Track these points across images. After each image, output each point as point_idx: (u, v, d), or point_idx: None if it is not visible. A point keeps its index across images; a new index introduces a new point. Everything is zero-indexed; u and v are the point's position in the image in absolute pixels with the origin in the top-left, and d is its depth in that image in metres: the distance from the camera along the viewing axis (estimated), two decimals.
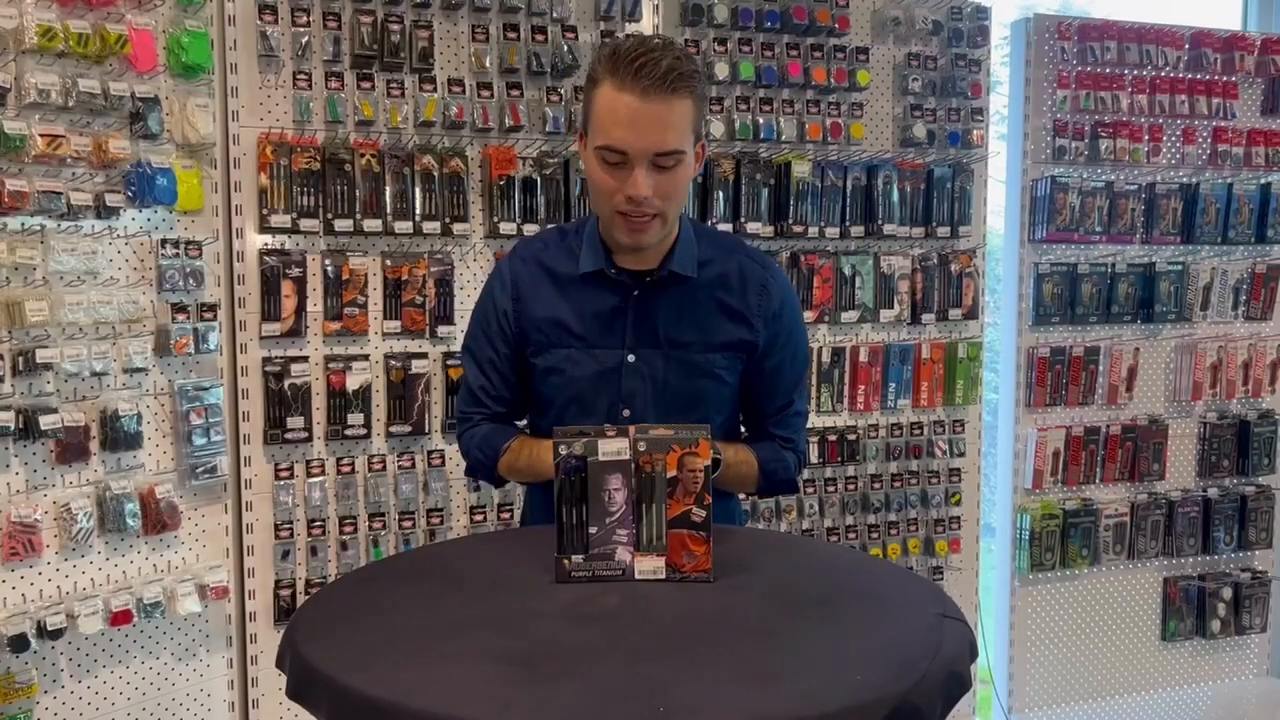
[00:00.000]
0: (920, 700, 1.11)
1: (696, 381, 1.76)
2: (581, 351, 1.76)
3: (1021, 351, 3.48)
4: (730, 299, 1.77)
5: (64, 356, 2.26)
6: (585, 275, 1.75)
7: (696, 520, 1.45)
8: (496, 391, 1.86)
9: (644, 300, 1.75)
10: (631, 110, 1.53)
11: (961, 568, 3.45)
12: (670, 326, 1.75)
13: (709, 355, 1.76)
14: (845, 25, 3.14)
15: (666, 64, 1.52)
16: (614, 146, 1.56)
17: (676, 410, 1.75)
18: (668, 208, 1.62)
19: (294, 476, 2.69)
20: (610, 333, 1.75)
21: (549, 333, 1.77)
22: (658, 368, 1.75)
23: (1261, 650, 3.88)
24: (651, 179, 1.57)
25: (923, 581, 1.51)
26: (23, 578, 2.31)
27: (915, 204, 3.27)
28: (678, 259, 1.74)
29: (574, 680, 1.14)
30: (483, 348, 1.85)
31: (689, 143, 1.60)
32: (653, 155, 1.56)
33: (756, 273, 1.80)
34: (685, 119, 1.57)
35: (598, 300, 1.75)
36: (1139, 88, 3.50)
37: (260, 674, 2.70)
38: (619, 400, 1.76)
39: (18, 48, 2.20)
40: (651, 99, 1.52)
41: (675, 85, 1.53)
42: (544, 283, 1.79)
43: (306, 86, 2.64)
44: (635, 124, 1.53)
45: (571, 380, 1.77)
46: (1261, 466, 3.75)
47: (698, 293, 1.76)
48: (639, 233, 1.64)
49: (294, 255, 2.65)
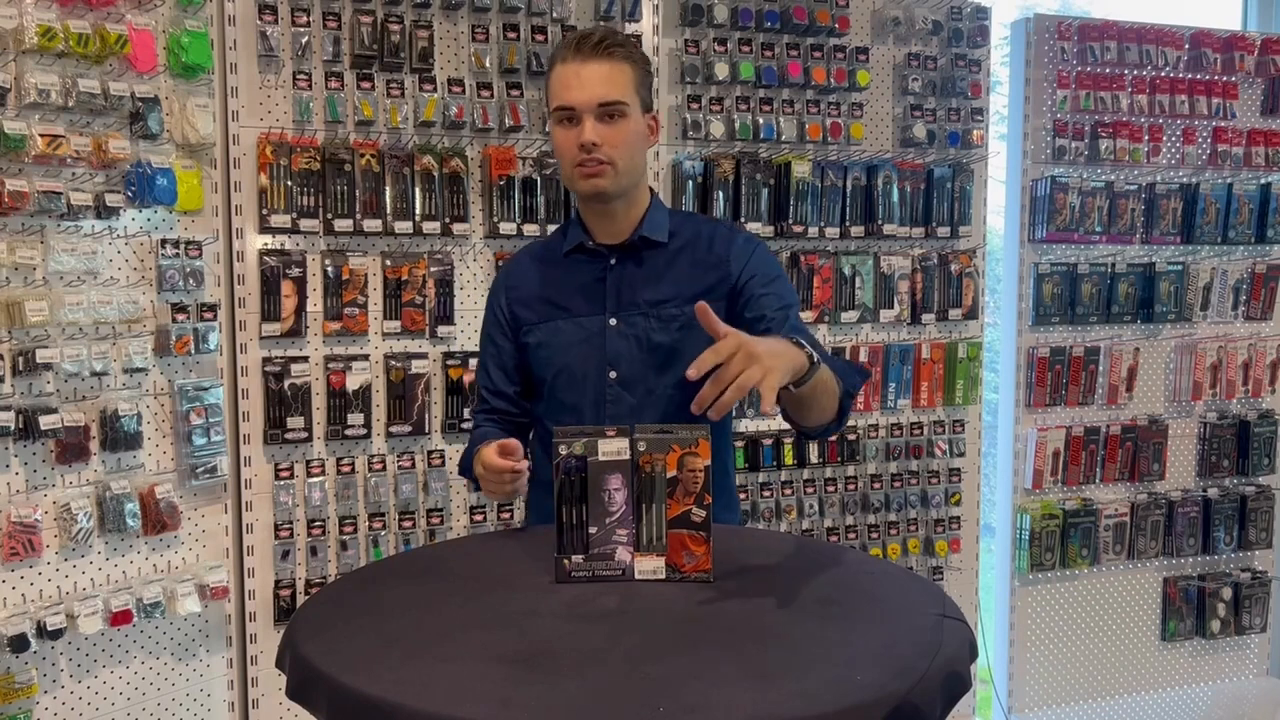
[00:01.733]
0: (920, 700, 1.11)
1: (676, 334, 1.83)
2: (567, 322, 1.88)
3: (1021, 351, 3.48)
4: (702, 253, 1.88)
5: (64, 356, 2.27)
6: (568, 253, 1.90)
7: (696, 520, 1.45)
8: (496, 387, 1.96)
9: (621, 267, 1.87)
10: (574, 72, 1.75)
11: (961, 568, 3.45)
12: (648, 288, 1.86)
13: (685, 308, 1.82)
14: (845, 25, 3.14)
15: (600, 35, 1.76)
16: (564, 104, 1.76)
17: (664, 366, 1.83)
18: (617, 156, 1.77)
19: (294, 476, 2.69)
20: (592, 301, 1.87)
21: (538, 309, 1.90)
22: (639, 327, 1.85)
23: (1261, 650, 3.88)
24: (599, 127, 1.75)
25: (923, 581, 1.51)
26: (23, 578, 2.31)
27: (915, 204, 3.27)
28: (648, 225, 1.87)
29: (574, 680, 1.14)
30: (485, 345, 1.99)
31: (631, 99, 1.77)
32: (596, 106, 1.74)
33: (724, 232, 1.93)
34: (624, 77, 1.76)
35: (580, 273, 1.89)
36: (1139, 88, 3.50)
37: (260, 674, 2.70)
38: (605, 362, 1.84)
39: (18, 48, 2.20)
40: (589, 62, 1.74)
41: (610, 48, 1.75)
42: (534, 269, 1.95)
43: (306, 86, 2.64)
44: (579, 82, 1.75)
45: (559, 350, 1.87)
46: (1261, 466, 3.75)
47: (671, 256, 1.88)
48: (595, 177, 1.77)
49: (294, 255, 2.65)
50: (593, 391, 1.85)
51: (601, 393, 1.84)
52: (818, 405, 1.60)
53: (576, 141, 1.75)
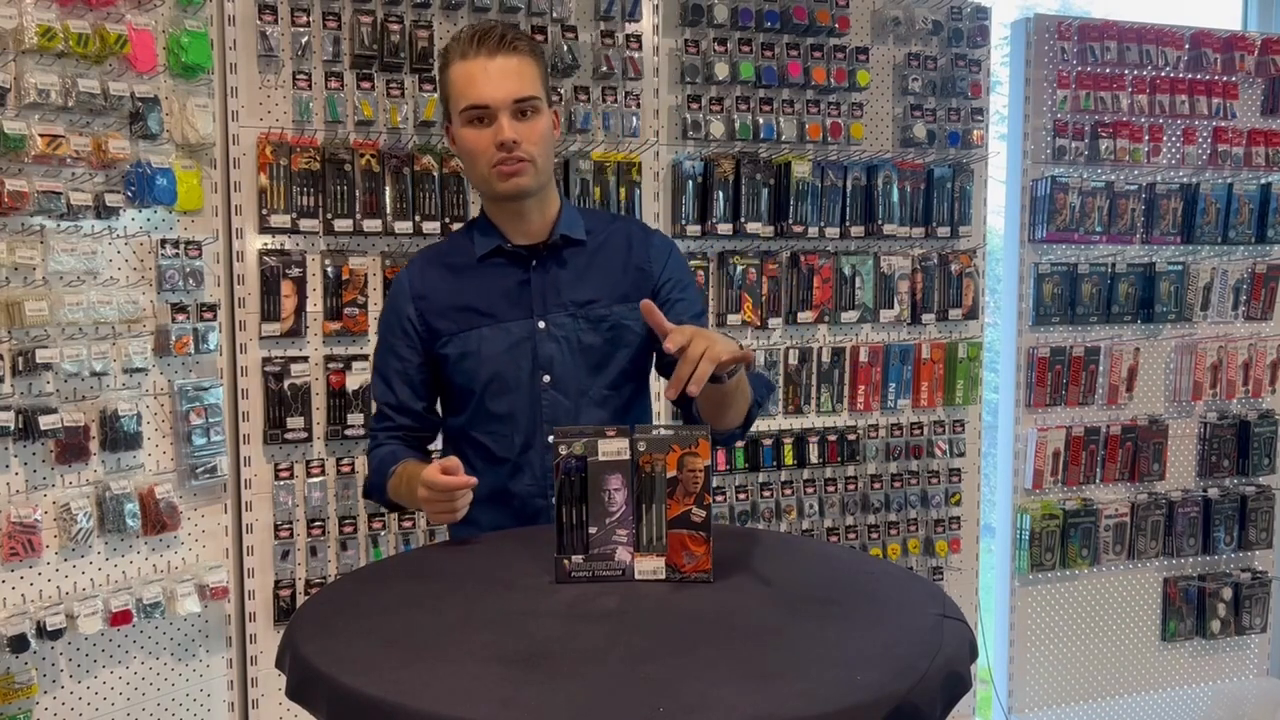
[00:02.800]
0: (920, 700, 1.10)
1: (607, 335, 1.82)
2: (492, 328, 1.80)
3: (1021, 351, 3.49)
4: (621, 254, 1.86)
5: (64, 356, 2.26)
6: (483, 257, 1.83)
7: (696, 520, 1.45)
8: (400, 403, 1.87)
9: (544, 268, 1.82)
10: (482, 68, 1.69)
11: (961, 568, 3.45)
12: (573, 287, 1.82)
13: (614, 308, 1.82)
14: (845, 25, 3.14)
15: (500, 30, 1.71)
16: (476, 103, 1.70)
17: (596, 368, 1.81)
18: (535, 153, 1.73)
19: (294, 476, 2.69)
20: (517, 305, 1.81)
21: (457, 319, 1.81)
22: (569, 329, 1.81)
23: (1261, 650, 3.88)
24: (516, 124, 1.70)
25: (923, 581, 1.50)
26: (22, 578, 2.31)
27: (915, 204, 3.27)
28: (565, 224, 1.83)
29: (574, 680, 1.14)
30: (388, 360, 1.87)
31: (541, 93, 1.74)
32: (512, 102, 1.70)
33: (638, 231, 1.92)
34: (532, 72, 1.73)
35: (500, 278, 1.82)
36: (1139, 88, 3.50)
37: (260, 674, 2.70)
38: (537, 368, 1.80)
39: (18, 48, 2.19)
40: (497, 56, 1.69)
41: (514, 44, 1.71)
42: (444, 276, 1.85)
43: (306, 86, 2.64)
44: (489, 79, 1.69)
45: (487, 358, 1.80)
46: (1261, 466, 3.75)
47: (591, 255, 1.85)
48: (515, 175, 1.73)
49: (294, 255, 2.65)
50: (526, 397, 1.79)
51: (536, 398, 1.79)
52: (734, 407, 1.70)
53: (493, 141, 1.70)
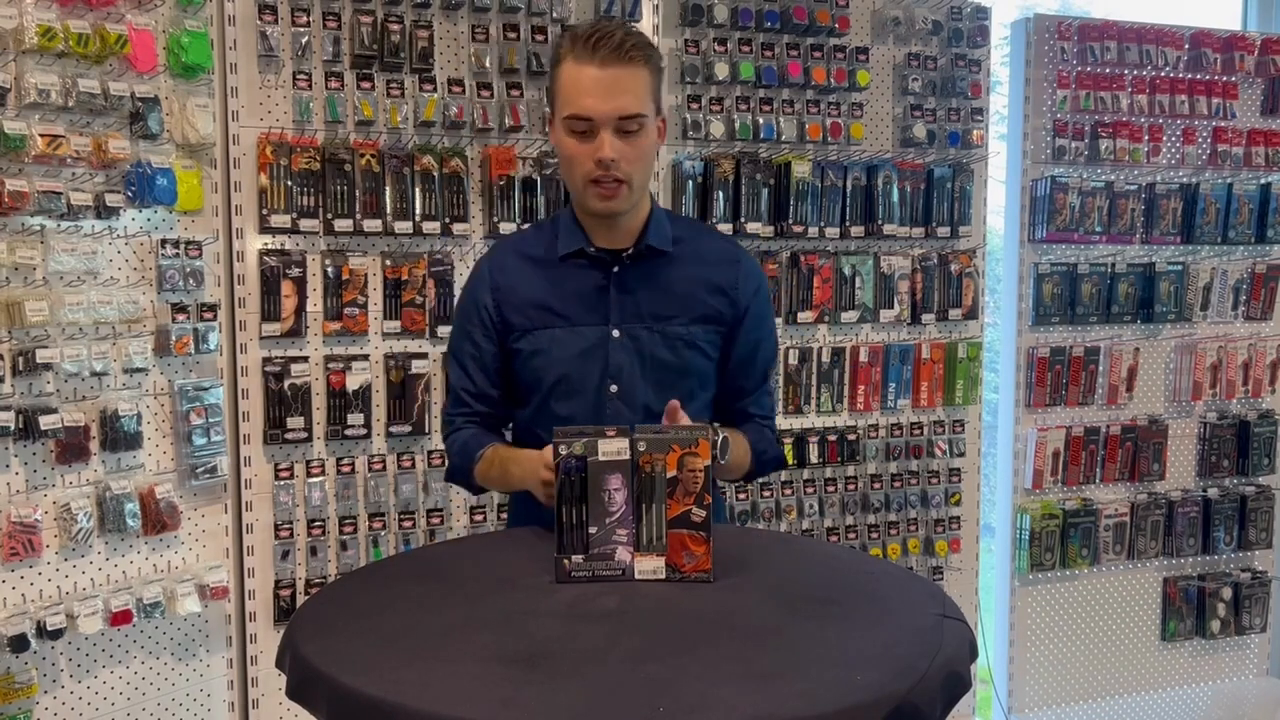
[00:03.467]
0: (920, 700, 1.11)
1: (682, 353, 1.80)
2: (566, 330, 1.79)
3: (1021, 351, 3.48)
4: (707, 273, 1.83)
5: (64, 356, 2.26)
6: (565, 257, 1.80)
7: (696, 520, 1.45)
8: (479, 389, 1.87)
9: (624, 276, 1.79)
10: (593, 79, 1.64)
11: (961, 568, 3.45)
12: (652, 300, 1.80)
13: (691, 328, 1.81)
14: (845, 25, 3.14)
15: (620, 36, 1.65)
16: (580, 114, 1.65)
17: (664, 384, 1.79)
18: (634, 173, 1.70)
19: (294, 476, 2.69)
20: (594, 310, 1.79)
21: (532, 316, 1.80)
22: (643, 341, 1.79)
23: (1261, 650, 3.88)
24: (617, 143, 1.66)
25: (923, 581, 1.51)
26: (23, 578, 2.31)
27: (915, 204, 3.27)
28: (652, 234, 1.80)
29: (574, 680, 1.14)
30: (464, 346, 1.87)
31: (650, 109, 1.69)
32: (616, 119, 1.65)
33: (729, 250, 1.89)
34: (643, 86, 1.67)
35: (579, 280, 1.80)
36: (1139, 88, 3.50)
37: (260, 674, 2.70)
38: (606, 376, 1.78)
39: (18, 48, 2.19)
40: (609, 67, 1.63)
41: (631, 54, 1.64)
42: (524, 270, 1.83)
43: (306, 86, 2.64)
44: (597, 90, 1.64)
45: (557, 360, 1.79)
46: (1261, 466, 3.75)
47: (675, 268, 1.82)
48: (610, 198, 1.70)
49: (294, 255, 2.65)
50: (591, 404, 1.78)
51: (601, 405, 1.78)
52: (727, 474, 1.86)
53: (592, 156, 1.66)
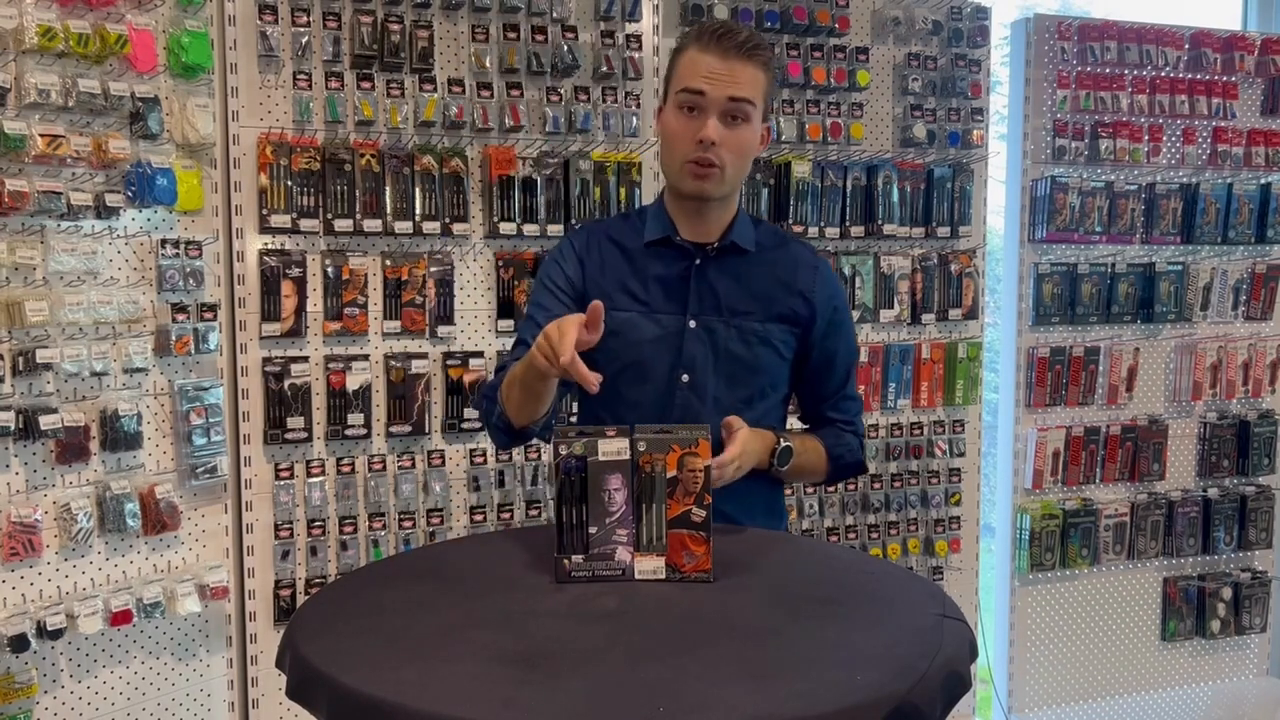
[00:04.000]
0: (920, 700, 1.11)
1: (755, 349, 1.82)
2: (644, 316, 1.82)
3: (1021, 351, 3.49)
4: (786, 275, 1.86)
5: (64, 356, 2.26)
6: (650, 244, 1.84)
7: (696, 520, 1.45)
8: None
9: (705, 269, 1.83)
10: (711, 65, 1.70)
11: (961, 568, 3.45)
12: (730, 295, 1.82)
13: (767, 325, 1.83)
14: (845, 25, 3.14)
15: (745, 35, 1.72)
16: (692, 87, 1.71)
17: (735, 378, 1.82)
18: (730, 161, 1.74)
19: (294, 476, 2.69)
20: (672, 299, 1.82)
21: (613, 295, 1.81)
22: (718, 334, 1.82)
23: (1261, 650, 3.88)
24: (720, 128, 1.71)
25: (923, 581, 1.51)
26: (23, 578, 2.31)
27: (915, 204, 3.27)
28: (737, 232, 1.84)
29: (574, 680, 1.14)
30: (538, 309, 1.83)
31: (760, 102, 1.74)
32: (725, 101, 1.70)
33: (809, 257, 1.92)
34: (757, 83, 1.73)
35: (661, 267, 1.83)
36: (1139, 88, 3.50)
37: (260, 674, 2.70)
38: (679, 365, 1.80)
39: (18, 48, 2.19)
40: (730, 58, 1.70)
41: (751, 52, 1.71)
42: (610, 250, 1.87)
43: (306, 86, 2.64)
44: (713, 75, 1.70)
45: (632, 344, 1.80)
46: (1261, 466, 3.75)
47: (756, 266, 1.85)
48: (704, 180, 1.74)
49: (294, 255, 2.65)
50: (662, 392, 1.80)
51: (670, 394, 1.80)
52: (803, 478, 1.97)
53: (695, 134, 1.71)
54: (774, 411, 1.90)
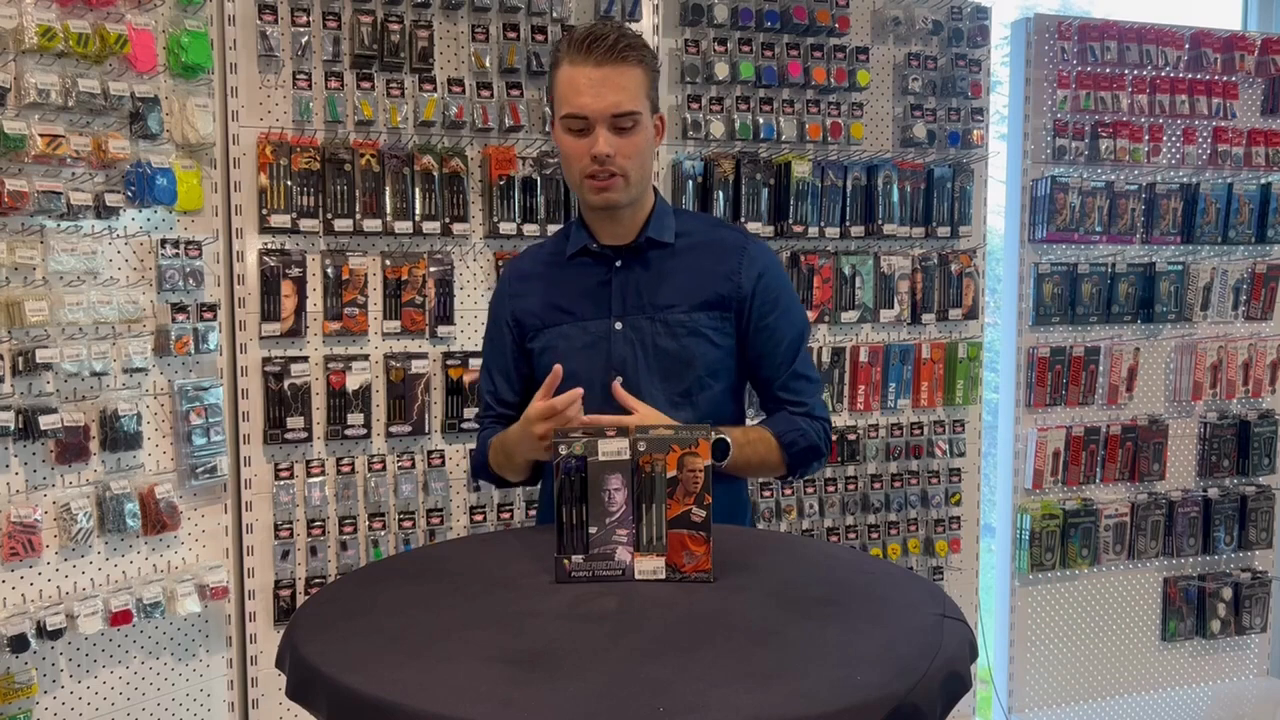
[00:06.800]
0: (920, 700, 1.11)
1: (684, 341, 1.82)
2: (573, 326, 1.86)
3: (1021, 351, 3.48)
4: (711, 261, 1.86)
5: (64, 356, 2.26)
6: (572, 256, 1.87)
7: (696, 520, 1.45)
8: (500, 395, 1.95)
9: (626, 270, 1.85)
10: (587, 78, 1.69)
11: (961, 568, 3.45)
12: (653, 291, 1.84)
13: (693, 314, 1.83)
14: (845, 25, 3.14)
15: (613, 37, 1.70)
16: (575, 113, 1.70)
17: (670, 373, 1.82)
18: (629, 168, 1.74)
19: (294, 476, 2.69)
20: (598, 304, 1.85)
21: (544, 315, 1.88)
22: (645, 332, 1.83)
23: (1261, 650, 3.88)
24: (612, 139, 1.71)
25: (923, 581, 1.50)
26: (22, 578, 2.31)
27: (915, 204, 3.27)
28: (653, 227, 1.85)
29: (574, 680, 1.14)
30: (490, 354, 1.98)
31: (644, 107, 1.74)
32: (610, 116, 1.70)
33: (736, 239, 1.90)
34: (637, 85, 1.72)
35: (585, 277, 1.87)
36: (1139, 88, 3.50)
37: (260, 674, 2.70)
38: (610, 368, 1.82)
39: (18, 48, 2.19)
40: (604, 66, 1.68)
41: (624, 54, 1.69)
42: (538, 273, 1.93)
43: (306, 86, 2.64)
44: (592, 89, 1.69)
45: (565, 355, 1.82)
46: (1261, 466, 3.75)
47: (678, 258, 1.86)
48: (605, 190, 1.75)
49: (294, 255, 2.65)
50: (600, 397, 1.79)
51: (607, 398, 1.79)
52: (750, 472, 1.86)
53: (588, 152, 1.72)
54: (722, 404, 1.88)
